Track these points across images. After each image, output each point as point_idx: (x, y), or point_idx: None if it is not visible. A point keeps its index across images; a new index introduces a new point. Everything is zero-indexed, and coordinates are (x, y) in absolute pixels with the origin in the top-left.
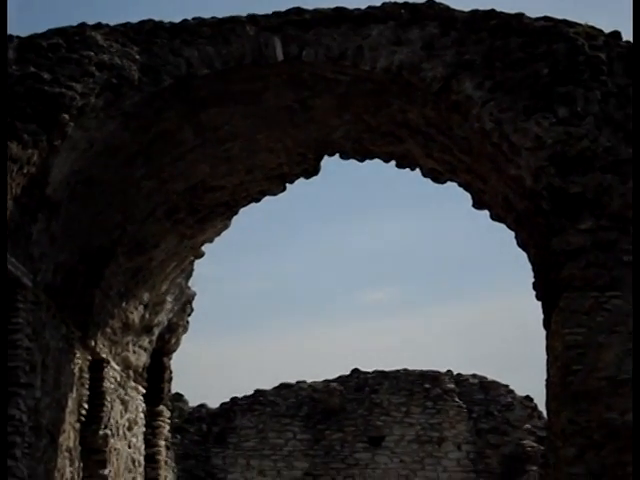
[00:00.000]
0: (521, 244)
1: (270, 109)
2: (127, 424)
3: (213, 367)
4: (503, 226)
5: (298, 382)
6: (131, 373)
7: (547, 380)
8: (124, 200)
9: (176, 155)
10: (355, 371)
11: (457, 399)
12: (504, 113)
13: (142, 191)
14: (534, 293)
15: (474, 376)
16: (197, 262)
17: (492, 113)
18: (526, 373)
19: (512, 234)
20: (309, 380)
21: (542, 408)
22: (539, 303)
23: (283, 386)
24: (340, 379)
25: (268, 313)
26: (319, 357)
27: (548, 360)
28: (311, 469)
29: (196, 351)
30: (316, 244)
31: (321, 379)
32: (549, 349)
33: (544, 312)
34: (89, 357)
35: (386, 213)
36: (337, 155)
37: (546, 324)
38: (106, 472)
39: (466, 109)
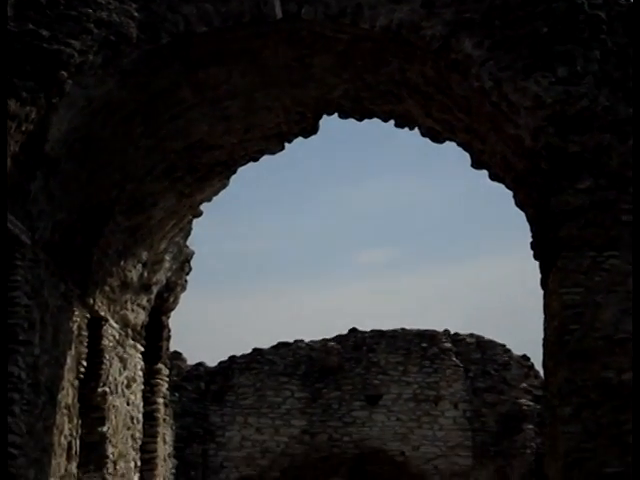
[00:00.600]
0: (519, 204)
1: (269, 68)
2: (126, 382)
3: (211, 326)
4: (502, 186)
5: (296, 341)
6: (129, 331)
7: (544, 339)
8: (122, 158)
9: (174, 114)
10: (353, 330)
11: (454, 358)
12: (503, 72)
13: (140, 149)
14: (532, 253)
15: (471, 335)
16: (195, 221)
17: (491, 72)
18: (523, 333)
19: (510, 194)
20: (307, 339)
21: (539, 367)
22: (537, 263)
23: (281, 345)
24: (338, 338)
25: (266, 273)
26: (317, 316)
27: (545, 319)
28: (308, 427)
29: (195, 310)
30: (315, 204)
31: (319, 338)
32: (546, 308)
33: (542, 272)
34: (88, 315)
35: (385, 174)
36: (336, 114)
37: (543, 284)
38: (105, 429)
39: (465, 68)
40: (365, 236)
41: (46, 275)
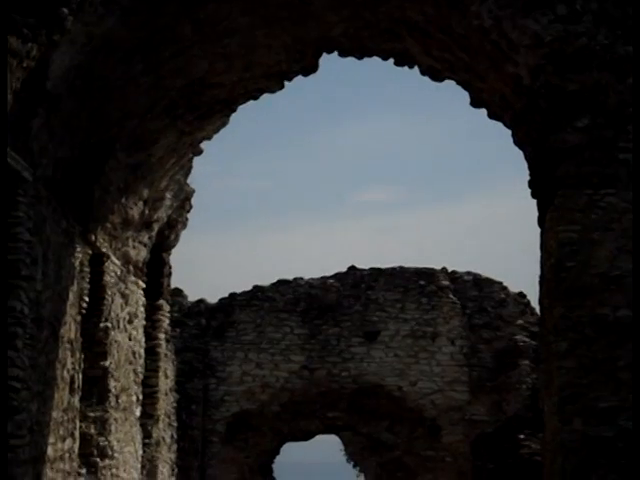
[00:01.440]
0: (518, 142)
1: (269, 5)
2: (127, 317)
3: (212, 264)
4: (500, 125)
5: (295, 278)
6: (131, 268)
7: (541, 277)
8: (123, 96)
9: (175, 51)
10: (351, 268)
11: (451, 295)
12: (503, 10)
13: (141, 87)
14: (530, 191)
15: (468, 273)
16: (196, 159)
17: (491, 10)
18: (520, 270)
19: (509, 132)
20: (306, 277)
21: (535, 304)
22: (534, 201)
23: (281, 282)
24: (337, 276)
25: (267, 211)
26: (317, 255)
27: (542, 257)
28: (308, 362)
29: (196, 248)
30: (316, 144)
31: (318, 276)
32: (543, 246)
33: (539, 210)
34: (89, 251)
35: (387, 114)
36: (336, 53)
37: (541, 222)
38: (107, 364)
39: (465, 6)
40: (364, 175)
41: (48, 211)
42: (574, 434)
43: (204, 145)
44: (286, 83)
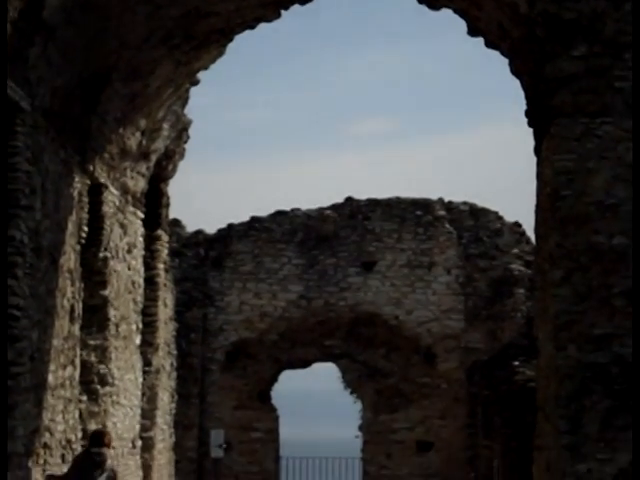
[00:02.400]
0: (515, 71)
1: None
2: (126, 247)
3: (210, 195)
4: (497, 54)
5: (293, 209)
6: (129, 198)
7: (536, 206)
8: (120, 25)
9: None
10: (349, 199)
11: (447, 225)
12: None
13: (137, 17)
14: (526, 121)
15: (464, 203)
16: (193, 90)
17: None
18: (515, 200)
19: (506, 61)
20: (304, 207)
21: (530, 233)
22: (531, 130)
23: (278, 213)
24: (334, 207)
25: (265, 142)
26: (314, 186)
27: (538, 186)
28: (305, 292)
29: (193, 179)
30: (313, 75)
31: (315, 207)
32: (539, 176)
33: (535, 139)
34: (88, 181)
35: (382, 45)
36: None
37: (537, 151)
38: (106, 293)
39: None
40: (362, 107)
41: (46, 142)
42: (569, 360)
43: (201, 75)
44: (283, 13)
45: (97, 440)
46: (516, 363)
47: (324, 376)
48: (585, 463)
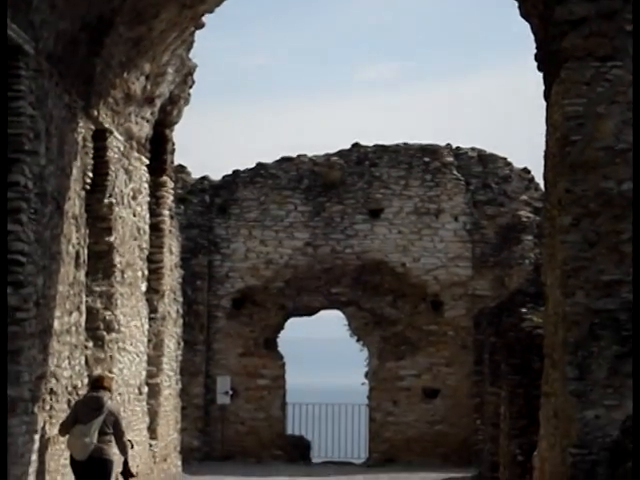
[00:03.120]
0: (524, 14)
1: None
2: (131, 193)
3: (215, 141)
4: None
5: (299, 156)
6: (134, 144)
7: (545, 152)
8: None
9: None
10: (355, 145)
11: (455, 172)
12: None
13: None
14: (536, 65)
15: (473, 149)
16: (198, 34)
17: None
18: (524, 146)
19: (515, 4)
20: (310, 154)
21: (539, 180)
22: (540, 75)
23: (284, 159)
24: (341, 153)
25: (270, 87)
26: (320, 132)
27: (547, 132)
28: (311, 239)
29: (199, 125)
30: (317, 19)
31: (322, 153)
32: (548, 121)
33: (545, 84)
34: (92, 126)
35: None
36: None
37: (546, 96)
38: (112, 239)
39: None
40: (367, 51)
41: (50, 86)
42: (577, 307)
43: (206, 19)
44: None
45: (96, 384)
46: (523, 310)
47: (330, 324)
48: (593, 409)
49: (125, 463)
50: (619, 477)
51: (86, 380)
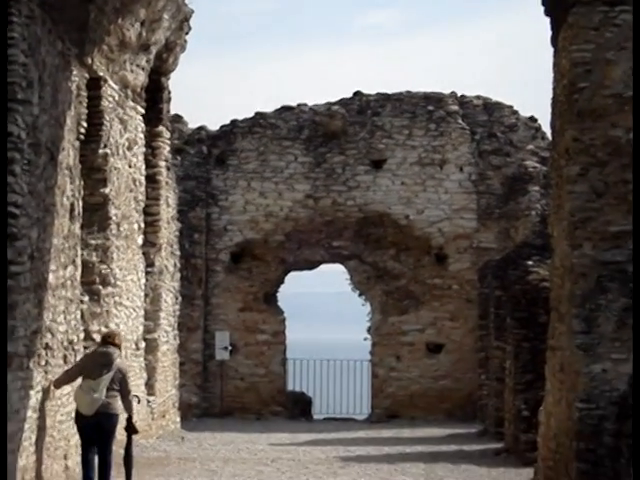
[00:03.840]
0: None
1: None
2: (127, 144)
3: (213, 89)
4: None
5: (299, 105)
6: (129, 92)
7: (552, 99)
8: None
9: None
10: (357, 93)
11: (460, 121)
12: None
13: None
14: (542, 9)
15: (478, 97)
16: None
17: None
18: (531, 93)
19: None
20: (310, 103)
21: (546, 128)
22: (547, 20)
23: (284, 109)
24: (342, 102)
25: (269, 35)
26: (321, 80)
27: (554, 79)
28: (312, 191)
29: (195, 73)
30: None
31: (323, 102)
32: (556, 67)
33: (552, 29)
34: (86, 75)
35: None
36: None
37: (554, 41)
38: (107, 191)
39: None
40: None
41: (43, 33)
42: (584, 259)
43: None
44: None
45: (107, 340)
46: (530, 263)
47: (332, 278)
48: (600, 363)
49: (129, 419)
50: (626, 432)
51: (82, 335)
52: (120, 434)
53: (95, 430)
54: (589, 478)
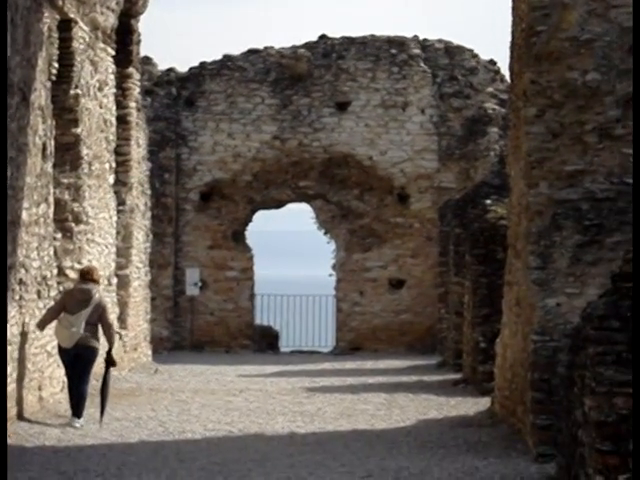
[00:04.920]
0: None
1: None
2: (97, 85)
3: (182, 32)
4: None
5: (266, 48)
6: (100, 34)
7: (511, 43)
8: None
9: None
10: (322, 37)
11: (422, 64)
12: None
13: None
14: None
15: (440, 41)
16: None
17: None
18: (491, 37)
19: None
20: (277, 46)
21: (505, 71)
22: None
23: (251, 52)
24: (308, 45)
25: None
26: (287, 23)
27: (513, 22)
28: (279, 133)
29: (165, 16)
30: None
31: (289, 45)
32: (515, 11)
33: None
34: (57, 16)
35: None
36: None
37: None
38: (78, 131)
39: None
40: None
41: None
42: (540, 197)
43: None
44: None
45: (85, 277)
46: (488, 202)
47: (298, 217)
48: (554, 298)
49: (109, 352)
50: (579, 362)
51: (55, 271)
52: (100, 368)
53: (74, 362)
54: (543, 407)
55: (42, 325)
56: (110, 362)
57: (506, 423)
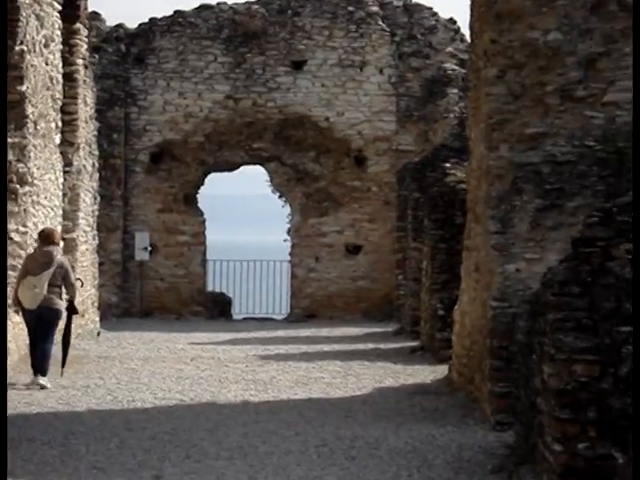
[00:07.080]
0: None
1: None
2: (43, 41)
3: None
4: None
5: (219, 3)
6: None
7: (471, 1)
8: None
9: None
10: None
11: (380, 22)
12: None
13: None
14: None
15: None
16: None
17: None
18: None
19: None
20: (230, 1)
21: (465, 31)
22: None
23: (203, 7)
24: (262, 1)
25: None
26: None
27: None
28: (232, 92)
29: None
30: None
31: (242, 1)
32: None
33: None
34: None
35: None
36: None
37: None
38: (23, 88)
39: None
40: None
41: None
42: (500, 160)
43: None
44: None
45: (46, 240)
46: (447, 165)
47: (252, 180)
48: (514, 263)
49: (71, 301)
50: (538, 329)
51: None
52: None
53: (38, 323)
54: (501, 374)
55: (16, 301)
56: (72, 310)
57: (464, 391)
